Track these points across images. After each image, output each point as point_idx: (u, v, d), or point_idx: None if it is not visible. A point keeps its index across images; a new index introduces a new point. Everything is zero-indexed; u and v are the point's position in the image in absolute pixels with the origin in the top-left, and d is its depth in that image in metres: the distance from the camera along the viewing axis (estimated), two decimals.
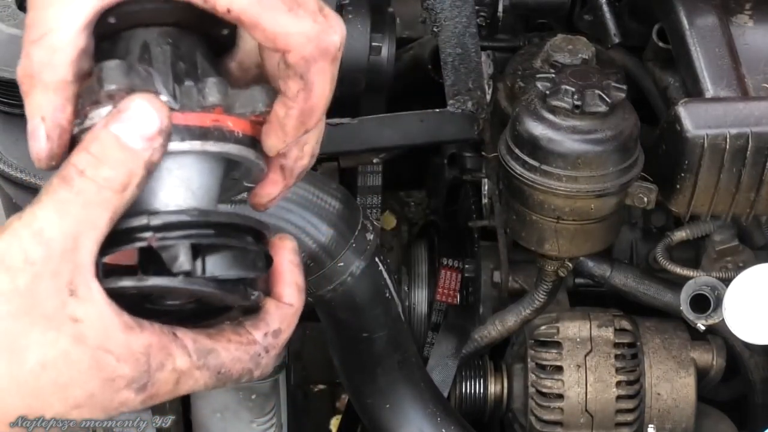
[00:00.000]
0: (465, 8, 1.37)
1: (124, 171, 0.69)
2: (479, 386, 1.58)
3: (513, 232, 1.43)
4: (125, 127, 0.68)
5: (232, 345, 0.74)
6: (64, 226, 0.67)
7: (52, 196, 0.68)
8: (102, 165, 0.68)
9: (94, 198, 0.68)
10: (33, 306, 0.66)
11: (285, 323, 0.77)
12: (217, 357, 0.73)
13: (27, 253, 0.67)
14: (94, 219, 0.68)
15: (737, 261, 1.49)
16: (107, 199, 0.68)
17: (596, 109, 1.28)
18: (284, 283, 0.77)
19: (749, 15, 1.41)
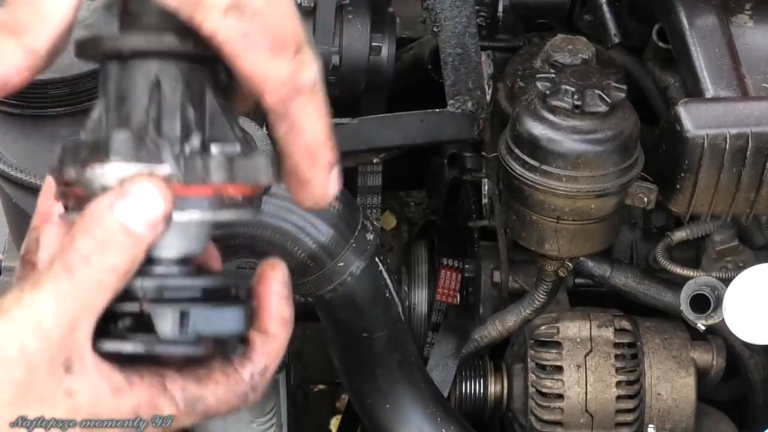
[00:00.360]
0: (465, 8, 1.37)
1: (128, 257, 0.69)
2: (479, 386, 1.58)
3: (513, 232, 1.43)
4: (131, 212, 0.69)
5: (220, 388, 0.75)
6: (63, 316, 0.68)
7: (53, 285, 0.69)
8: (107, 251, 0.69)
9: (95, 286, 0.69)
10: (28, 392, 0.68)
11: (271, 359, 0.77)
12: (205, 402, 0.74)
13: (24, 345, 0.68)
14: (94, 305, 0.69)
15: (737, 261, 1.49)
16: (109, 285, 0.69)
17: (596, 109, 1.28)
18: (270, 317, 0.77)
19: (749, 15, 1.41)
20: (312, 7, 1.42)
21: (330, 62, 1.44)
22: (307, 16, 1.43)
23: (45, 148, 1.26)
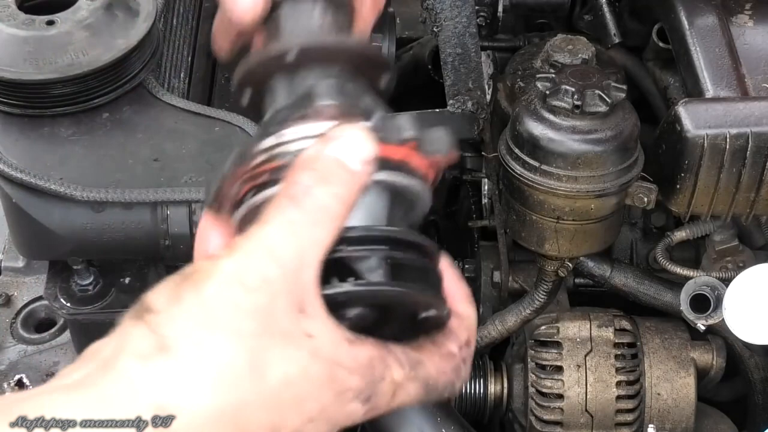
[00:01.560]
0: (465, 8, 1.37)
1: (348, 190, 0.72)
2: (479, 386, 1.58)
3: (513, 232, 1.43)
4: (346, 151, 0.72)
5: (436, 357, 0.76)
6: (294, 245, 0.69)
7: (282, 214, 0.70)
8: (329, 184, 0.71)
9: (321, 217, 0.71)
10: (272, 324, 0.68)
11: (471, 332, 0.79)
12: (425, 369, 0.75)
13: (264, 273, 0.68)
14: (320, 237, 0.70)
15: (737, 261, 1.49)
16: (333, 217, 0.71)
17: (596, 109, 1.28)
18: (458, 298, 0.80)
19: (749, 15, 1.41)
20: None
21: None
22: None
23: (45, 148, 1.26)
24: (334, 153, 0.72)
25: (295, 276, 0.69)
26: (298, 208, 0.71)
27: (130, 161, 1.25)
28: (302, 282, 0.70)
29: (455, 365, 0.78)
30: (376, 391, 0.73)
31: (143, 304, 0.71)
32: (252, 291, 0.68)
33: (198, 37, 1.53)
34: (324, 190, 0.71)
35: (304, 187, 0.71)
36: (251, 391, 0.67)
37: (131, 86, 1.30)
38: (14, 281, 1.46)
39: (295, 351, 0.69)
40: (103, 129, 1.29)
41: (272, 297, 0.68)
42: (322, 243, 0.71)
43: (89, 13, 1.27)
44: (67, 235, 1.21)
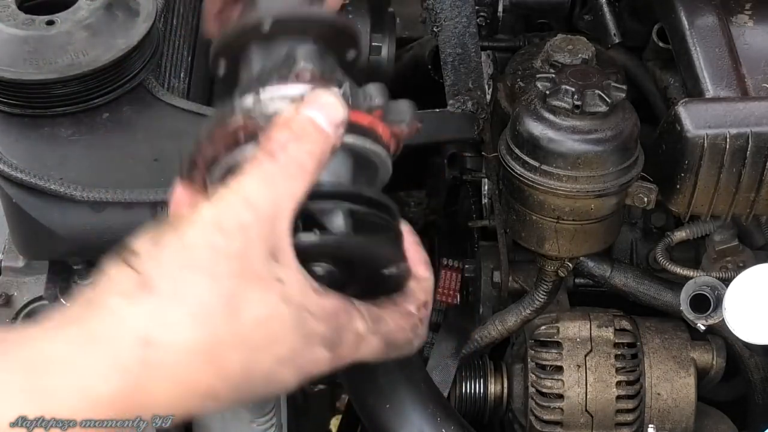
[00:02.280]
0: (465, 8, 1.37)
1: (320, 147, 0.78)
2: (479, 386, 1.58)
3: (513, 232, 1.43)
4: (319, 113, 0.78)
5: (396, 314, 0.82)
6: (269, 195, 0.75)
7: (258, 167, 0.76)
8: (302, 140, 0.77)
9: (295, 171, 0.76)
10: (246, 267, 0.72)
11: (428, 294, 0.86)
12: (386, 324, 0.81)
13: (240, 219, 0.73)
14: (293, 190, 0.76)
15: (737, 261, 1.49)
16: (306, 172, 0.77)
17: (596, 109, 1.28)
18: (416, 262, 0.86)
19: (749, 15, 1.41)
20: None
21: None
22: None
23: (45, 148, 1.26)
24: (308, 114, 0.78)
25: (270, 224, 0.74)
26: (274, 162, 0.76)
27: (130, 161, 1.25)
28: (276, 230, 0.74)
29: (413, 324, 0.84)
30: (341, 340, 0.78)
31: (127, 248, 0.75)
32: (229, 235, 0.72)
33: (198, 37, 1.53)
34: (298, 147, 0.77)
35: (280, 144, 0.77)
36: (226, 330, 0.72)
37: (131, 86, 1.30)
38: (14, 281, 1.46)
39: (267, 294, 0.73)
40: (103, 129, 1.29)
41: (247, 242, 0.73)
42: (295, 195, 0.76)
43: (89, 13, 1.27)
44: (67, 235, 1.21)
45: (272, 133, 0.78)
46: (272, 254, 0.74)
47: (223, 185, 0.76)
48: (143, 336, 0.70)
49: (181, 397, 0.73)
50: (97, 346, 0.69)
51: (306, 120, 0.78)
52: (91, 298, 0.73)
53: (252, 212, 0.74)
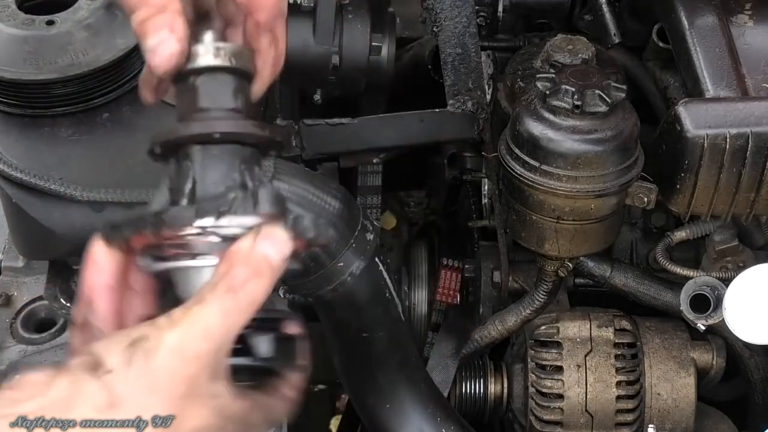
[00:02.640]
0: (465, 8, 1.37)
1: (270, 284, 0.89)
2: (479, 386, 1.58)
3: (513, 232, 1.43)
4: (273, 249, 0.90)
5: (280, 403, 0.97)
6: (225, 328, 0.87)
7: (219, 301, 0.87)
8: (259, 279, 0.88)
9: (248, 307, 0.88)
10: (195, 389, 0.86)
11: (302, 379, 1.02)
12: (272, 410, 0.96)
13: (198, 348, 0.85)
14: (241, 322, 0.88)
15: (737, 261, 1.49)
16: (256, 306, 0.89)
17: (596, 109, 1.28)
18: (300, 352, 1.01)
19: (749, 15, 1.41)
20: (312, 7, 1.42)
21: (330, 62, 1.44)
22: (307, 16, 1.43)
23: (45, 148, 1.26)
24: (264, 251, 0.89)
25: (219, 351, 0.87)
26: (234, 298, 0.87)
27: (130, 161, 1.25)
28: (220, 356, 0.88)
29: (289, 403, 0.99)
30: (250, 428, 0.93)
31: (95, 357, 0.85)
32: (187, 362, 0.85)
33: None
34: (255, 284, 0.88)
35: (240, 280, 0.88)
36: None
37: (131, 86, 1.30)
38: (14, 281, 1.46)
39: (203, 409, 0.87)
40: (103, 129, 1.29)
41: (199, 368, 0.86)
42: (241, 327, 0.89)
43: (89, 13, 1.27)
44: (67, 235, 1.22)
45: (233, 269, 0.88)
46: (214, 374, 0.87)
47: (185, 308, 0.87)
48: None
49: None
50: None
51: (262, 258, 0.89)
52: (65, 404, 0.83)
53: (209, 343, 0.86)
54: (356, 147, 1.49)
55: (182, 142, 0.95)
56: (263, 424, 0.96)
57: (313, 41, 1.43)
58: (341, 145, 1.48)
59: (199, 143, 0.94)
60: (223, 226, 0.91)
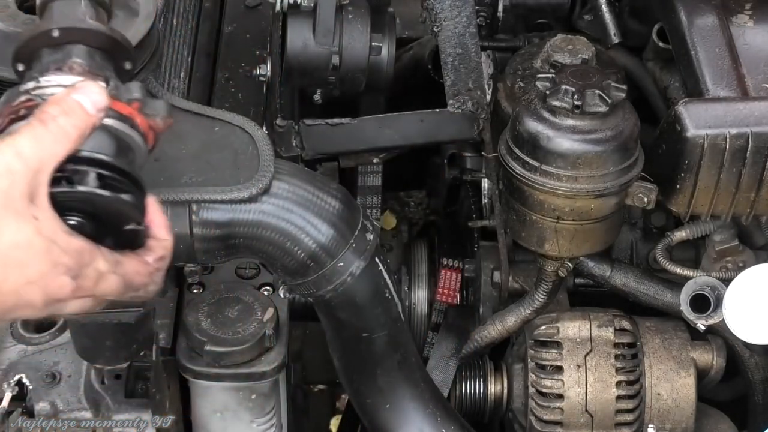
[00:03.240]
0: (465, 8, 1.37)
1: (82, 124, 0.97)
2: (479, 386, 1.58)
3: (513, 232, 1.43)
4: (85, 98, 0.98)
5: (134, 261, 1.01)
6: (36, 152, 0.93)
7: (31, 130, 0.95)
8: (69, 116, 0.96)
9: (60, 138, 0.95)
10: (8, 203, 0.91)
11: (166, 251, 1.04)
12: (124, 267, 0.99)
13: (9, 165, 0.92)
14: (56, 152, 0.95)
15: (737, 261, 1.49)
16: (69, 140, 0.95)
17: (596, 109, 1.28)
18: (158, 226, 1.03)
19: (749, 15, 1.41)
20: (312, 7, 1.42)
21: (330, 62, 1.44)
22: (307, 16, 1.43)
23: None
24: (77, 97, 0.98)
25: (33, 174, 0.92)
26: (45, 128, 0.95)
27: None
28: (37, 180, 0.93)
29: (149, 271, 1.03)
30: (83, 273, 0.96)
31: None
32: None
33: (198, 37, 1.53)
34: (65, 120, 0.96)
35: (51, 115, 0.96)
36: None
37: None
38: None
39: (23, 225, 0.92)
40: None
41: (12, 183, 0.91)
42: (57, 156, 0.95)
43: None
44: None
45: (46, 107, 0.97)
46: (31, 198, 0.92)
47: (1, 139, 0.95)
48: None
49: None
50: None
51: (74, 101, 0.97)
52: None
53: (20, 162, 0.92)
54: (356, 147, 1.49)
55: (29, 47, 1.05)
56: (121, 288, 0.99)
57: (313, 41, 1.43)
58: (341, 145, 1.48)
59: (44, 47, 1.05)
60: (44, 86, 1.01)
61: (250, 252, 1.24)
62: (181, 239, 1.19)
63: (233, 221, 1.20)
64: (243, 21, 1.59)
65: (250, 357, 1.34)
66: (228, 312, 1.36)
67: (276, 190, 1.21)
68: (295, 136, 1.45)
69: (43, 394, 1.31)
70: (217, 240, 1.21)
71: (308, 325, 1.85)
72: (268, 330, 1.34)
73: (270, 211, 1.20)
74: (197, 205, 1.19)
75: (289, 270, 1.25)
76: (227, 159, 1.22)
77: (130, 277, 1.00)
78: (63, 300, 0.96)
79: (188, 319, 1.34)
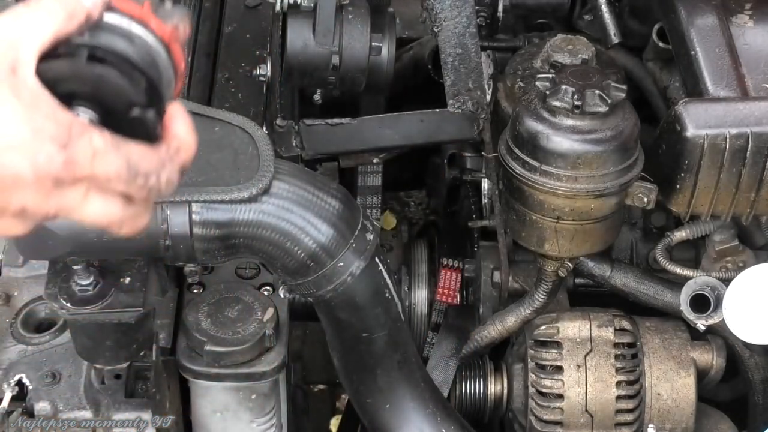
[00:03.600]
0: (465, 8, 1.38)
1: (72, 9, 0.90)
2: (479, 386, 1.58)
3: (513, 232, 1.43)
4: None
5: (141, 147, 0.90)
6: (15, 26, 0.88)
7: (12, 8, 0.89)
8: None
9: (42, 15, 0.89)
10: None
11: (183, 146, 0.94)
12: (129, 148, 0.89)
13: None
14: (40, 28, 0.89)
15: (737, 261, 1.49)
16: (54, 19, 0.89)
17: (596, 109, 1.28)
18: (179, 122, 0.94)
19: (749, 15, 1.41)
20: (312, 7, 1.42)
21: (330, 62, 1.44)
22: (307, 16, 1.43)
23: None
24: None
25: (13, 47, 0.87)
26: (26, 5, 0.89)
27: None
28: (19, 53, 0.87)
29: (159, 158, 0.91)
30: (74, 145, 0.86)
31: None
32: None
33: (198, 37, 1.53)
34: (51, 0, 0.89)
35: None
36: None
37: None
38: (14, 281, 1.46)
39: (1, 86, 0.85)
40: None
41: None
42: (42, 32, 0.88)
43: None
44: (67, 235, 1.21)
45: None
46: (12, 68, 0.86)
47: None
48: None
49: None
50: None
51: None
52: None
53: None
54: (356, 147, 1.49)
55: None
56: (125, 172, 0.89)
57: (313, 41, 1.43)
58: (341, 145, 1.48)
59: None
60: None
61: (250, 252, 1.24)
62: (181, 239, 1.19)
63: (233, 221, 1.20)
64: (243, 21, 1.59)
65: (250, 357, 1.34)
66: (228, 312, 1.36)
67: (276, 190, 1.21)
68: (295, 136, 1.45)
69: (43, 394, 1.31)
70: (217, 240, 1.21)
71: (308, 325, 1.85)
72: (268, 330, 1.34)
73: (270, 211, 1.20)
74: (197, 205, 1.19)
75: (289, 270, 1.25)
76: (227, 159, 1.21)
77: (136, 161, 0.89)
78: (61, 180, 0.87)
79: (188, 319, 1.34)
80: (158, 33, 0.94)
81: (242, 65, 1.52)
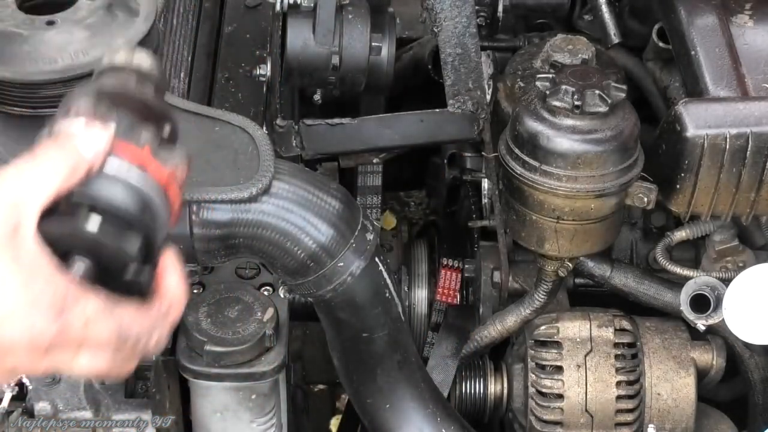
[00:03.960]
0: (465, 8, 1.38)
1: (74, 162, 0.92)
2: (479, 386, 1.58)
3: (513, 232, 1.43)
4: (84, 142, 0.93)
5: (133, 309, 0.92)
6: (16, 184, 0.90)
7: (17, 165, 0.91)
8: (63, 153, 0.92)
9: (49, 172, 0.91)
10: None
11: (174, 303, 0.96)
12: (120, 315, 0.91)
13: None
14: (44, 186, 0.91)
15: (737, 261, 1.49)
16: (57, 175, 0.91)
17: (596, 109, 1.28)
18: (171, 275, 0.96)
19: (749, 15, 1.41)
20: (312, 7, 1.42)
21: (330, 62, 1.44)
22: (307, 16, 1.43)
23: None
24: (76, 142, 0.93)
25: (15, 207, 0.89)
26: (32, 162, 0.91)
27: None
28: (20, 213, 0.89)
29: (151, 321, 0.94)
30: (68, 311, 0.88)
31: None
32: None
33: (198, 37, 1.53)
34: (56, 154, 0.92)
35: (43, 149, 0.93)
36: None
37: None
38: None
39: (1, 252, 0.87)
40: None
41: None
42: (45, 191, 0.90)
43: (89, 13, 1.27)
44: None
45: (43, 145, 0.93)
46: (14, 229, 0.88)
47: None
48: None
49: None
50: None
51: (71, 145, 0.93)
52: None
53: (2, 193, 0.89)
54: (356, 147, 1.49)
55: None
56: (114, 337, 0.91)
57: (313, 41, 1.43)
58: (341, 145, 1.48)
59: None
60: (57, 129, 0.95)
61: (250, 252, 1.24)
62: (181, 239, 1.19)
63: (233, 221, 1.20)
64: (243, 21, 1.59)
65: (250, 357, 1.34)
66: (228, 312, 1.36)
67: (276, 190, 1.21)
68: (295, 136, 1.45)
69: (43, 394, 1.31)
70: (217, 240, 1.21)
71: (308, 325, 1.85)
72: (268, 330, 1.34)
73: (270, 211, 1.20)
74: (197, 205, 1.19)
75: (289, 270, 1.25)
76: (227, 159, 1.22)
77: (127, 326, 0.91)
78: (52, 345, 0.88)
79: (188, 319, 1.34)
80: (156, 177, 0.95)
81: (242, 65, 1.52)
